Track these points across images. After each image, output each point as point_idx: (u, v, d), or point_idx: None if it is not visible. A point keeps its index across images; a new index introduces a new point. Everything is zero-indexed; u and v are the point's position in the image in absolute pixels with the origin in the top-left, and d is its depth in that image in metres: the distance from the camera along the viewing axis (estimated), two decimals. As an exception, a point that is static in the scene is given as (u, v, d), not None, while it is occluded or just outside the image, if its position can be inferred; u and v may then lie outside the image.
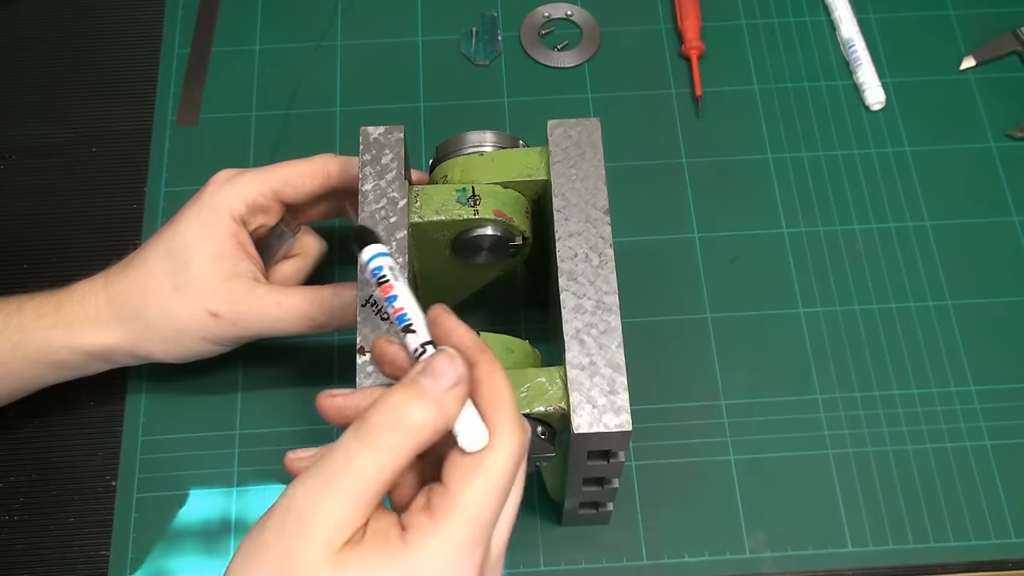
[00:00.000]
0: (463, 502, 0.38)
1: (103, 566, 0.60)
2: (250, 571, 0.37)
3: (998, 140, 0.73)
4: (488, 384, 0.40)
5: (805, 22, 0.78)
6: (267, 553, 0.37)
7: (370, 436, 0.37)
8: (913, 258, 0.68)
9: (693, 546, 0.60)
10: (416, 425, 0.38)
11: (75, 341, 0.57)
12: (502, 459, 0.38)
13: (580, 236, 0.52)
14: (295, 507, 0.37)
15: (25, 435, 0.63)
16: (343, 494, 0.37)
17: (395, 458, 0.37)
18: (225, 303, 0.57)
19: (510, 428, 0.39)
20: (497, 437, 0.39)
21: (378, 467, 0.37)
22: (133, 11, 0.79)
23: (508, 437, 0.39)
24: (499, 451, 0.39)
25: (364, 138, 0.55)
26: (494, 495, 0.38)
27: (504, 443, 0.39)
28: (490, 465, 0.38)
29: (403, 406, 0.38)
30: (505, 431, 0.39)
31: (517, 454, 0.39)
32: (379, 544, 0.37)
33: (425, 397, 0.38)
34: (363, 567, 0.36)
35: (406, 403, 0.38)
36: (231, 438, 0.63)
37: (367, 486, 0.37)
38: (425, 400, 0.38)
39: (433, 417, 0.38)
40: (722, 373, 0.65)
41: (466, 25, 0.78)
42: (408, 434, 0.38)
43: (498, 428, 0.39)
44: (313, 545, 0.36)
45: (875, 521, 0.61)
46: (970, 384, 0.64)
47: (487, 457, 0.38)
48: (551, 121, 0.55)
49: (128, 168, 0.72)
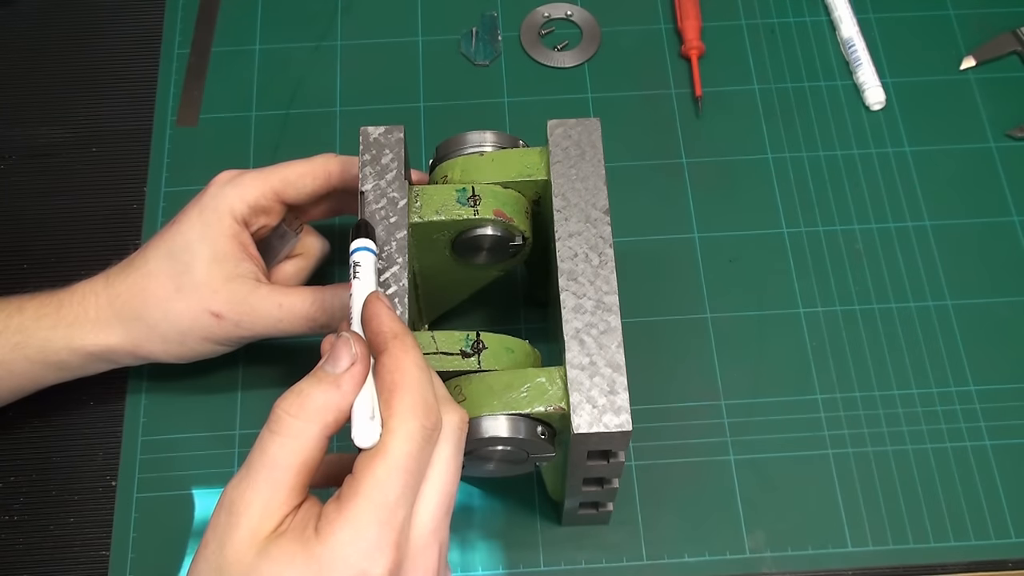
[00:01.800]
0: (366, 487, 0.39)
1: (103, 566, 0.60)
2: (196, 567, 0.40)
3: (998, 140, 0.73)
4: (392, 368, 0.41)
5: (805, 22, 0.78)
6: (207, 549, 0.40)
7: (277, 424, 0.40)
8: (913, 258, 0.68)
9: (693, 546, 0.60)
10: (317, 408, 0.40)
11: (76, 342, 0.57)
12: (402, 440, 0.39)
13: (580, 236, 0.52)
14: (226, 501, 0.40)
15: (25, 435, 0.63)
16: (260, 482, 0.40)
17: (303, 442, 0.40)
18: (227, 304, 0.57)
19: (410, 409, 0.40)
20: (396, 420, 0.40)
21: (287, 452, 0.40)
22: (133, 11, 0.79)
23: (408, 419, 0.40)
24: (398, 433, 0.40)
25: (364, 138, 0.55)
26: (397, 477, 0.39)
27: (402, 425, 0.40)
28: (389, 448, 0.39)
29: (305, 392, 0.41)
30: (405, 413, 0.40)
31: (418, 435, 0.40)
32: (297, 534, 0.39)
33: (323, 381, 0.41)
34: (283, 557, 0.38)
35: (308, 389, 0.41)
36: (231, 438, 0.63)
37: (281, 472, 0.40)
38: (323, 383, 0.41)
39: (334, 399, 0.40)
40: (722, 373, 0.65)
41: (466, 25, 0.78)
42: (311, 418, 0.40)
43: (397, 411, 0.40)
44: (241, 534, 0.39)
45: (875, 521, 0.61)
46: (970, 384, 0.64)
47: (386, 439, 0.40)
48: (551, 121, 0.55)
49: (128, 168, 0.72)
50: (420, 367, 0.41)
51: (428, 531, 0.41)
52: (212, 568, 0.39)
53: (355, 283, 0.46)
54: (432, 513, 0.41)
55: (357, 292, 0.45)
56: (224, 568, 0.39)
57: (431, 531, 0.41)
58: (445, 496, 0.41)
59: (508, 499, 0.61)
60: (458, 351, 0.51)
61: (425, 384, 0.41)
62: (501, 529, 0.60)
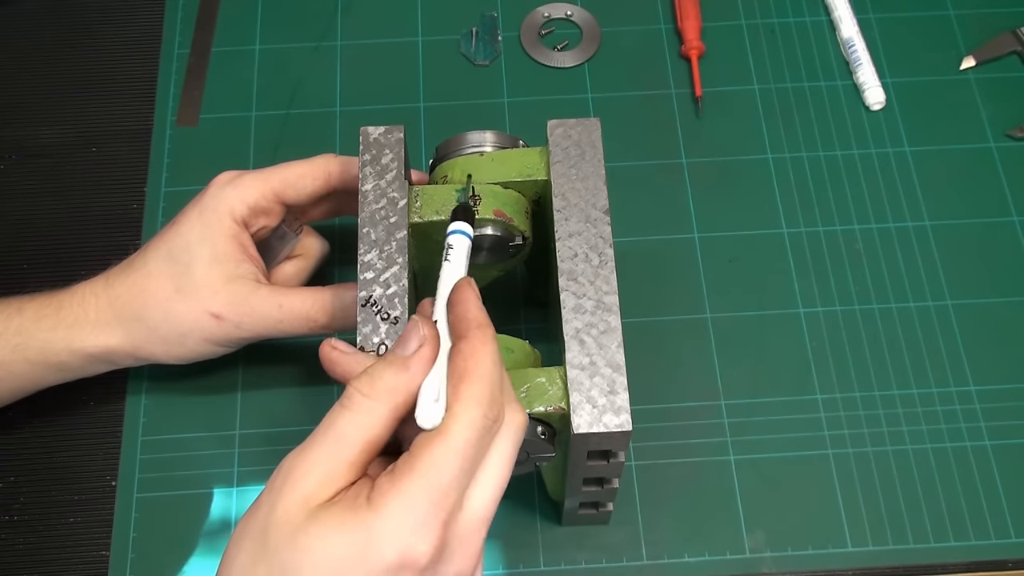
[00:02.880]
0: (421, 465, 0.39)
1: (103, 566, 0.60)
2: (246, 525, 0.41)
3: (998, 140, 0.73)
4: (468, 355, 0.42)
5: (805, 22, 0.78)
6: (258, 511, 0.40)
7: (349, 400, 0.41)
8: (913, 258, 0.68)
9: (693, 546, 0.60)
10: (388, 388, 0.41)
11: (75, 343, 0.57)
12: (463, 426, 0.40)
13: (580, 236, 0.52)
14: (285, 467, 0.41)
15: (25, 435, 0.63)
16: (323, 452, 0.40)
17: (371, 419, 0.41)
18: (227, 305, 0.57)
19: (476, 398, 0.40)
20: (460, 405, 0.40)
21: (355, 427, 0.41)
22: (133, 11, 0.79)
23: (472, 406, 0.40)
24: (461, 418, 0.40)
25: (364, 138, 0.55)
26: (454, 460, 0.39)
27: (466, 411, 0.40)
28: (450, 430, 0.40)
29: (376, 371, 0.42)
30: (470, 400, 0.40)
31: (479, 423, 0.40)
32: (349, 503, 0.39)
33: (393, 363, 0.42)
34: (332, 523, 0.39)
35: (379, 369, 0.42)
36: (231, 438, 0.63)
37: (346, 446, 0.40)
38: (393, 365, 0.41)
39: (404, 379, 0.41)
40: (722, 373, 0.65)
41: (466, 25, 0.78)
42: (381, 397, 0.41)
43: (463, 396, 0.40)
44: (294, 496, 0.39)
45: (875, 521, 0.61)
46: (970, 384, 0.64)
47: (448, 422, 0.40)
48: (551, 121, 0.55)
49: (128, 168, 0.72)
50: (495, 361, 0.42)
51: (477, 517, 0.41)
52: (260, 527, 0.40)
53: (445, 264, 0.46)
54: (483, 501, 0.41)
55: (446, 273, 0.46)
56: (271, 528, 0.39)
57: (480, 518, 0.41)
58: (497, 488, 0.42)
59: (508, 499, 0.61)
60: (458, 351, 0.51)
61: (496, 377, 0.42)
62: (501, 529, 0.60)
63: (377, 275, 0.51)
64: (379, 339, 0.49)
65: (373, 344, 0.49)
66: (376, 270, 0.51)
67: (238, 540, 0.41)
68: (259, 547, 0.40)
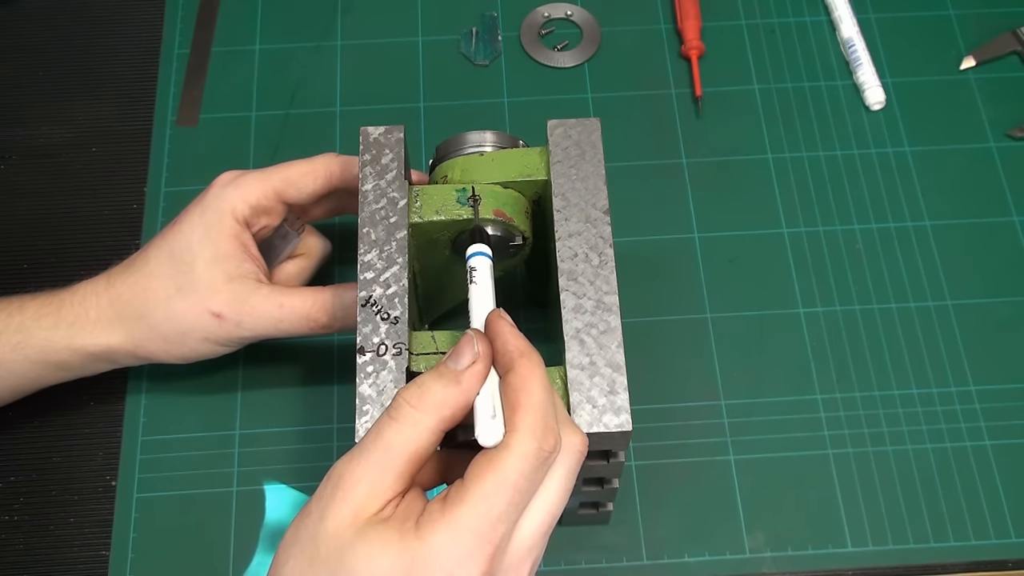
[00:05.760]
0: (473, 496, 0.39)
1: (103, 566, 0.60)
2: (296, 534, 0.41)
3: (998, 140, 0.73)
4: (517, 387, 0.41)
5: (805, 22, 0.78)
6: (308, 518, 0.41)
7: (397, 411, 0.41)
8: (913, 258, 0.68)
9: (693, 546, 0.60)
10: (437, 402, 0.41)
11: (76, 342, 0.57)
12: (517, 458, 0.40)
13: (580, 236, 0.52)
14: (335, 475, 0.41)
15: (25, 435, 0.63)
16: (371, 462, 0.40)
17: (420, 432, 0.41)
18: (228, 304, 0.57)
19: (530, 430, 0.40)
20: (515, 436, 0.40)
21: (403, 439, 0.40)
22: (133, 11, 0.79)
23: (527, 437, 0.40)
24: (515, 450, 0.40)
25: (364, 138, 0.55)
26: (505, 493, 0.39)
27: (521, 443, 0.40)
28: (503, 463, 0.40)
29: (426, 384, 0.41)
30: (525, 431, 0.40)
31: (534, 457, 0.40)
32: (398, 524, 0.39)
33: (444, 376, 0.42)
34: (380, 542, 0.39)
35: (429, 381, 0.42)
36: (231, 438, 0.63)
37: (394, 457, 0.40)
38: (444, 378, 0.41)
39: (453, 394, 0.41)
40: (722, 373, 0.65)
41: (466, 25, 0.78)
42: (430, 410, 0.41)
43: (519, 428, 0.40)
44: (344, 510, 0.40)
45: (875, 521, 0.61)
46: (970, 384, 0.64)
47: (501, 455, 0.40)
48: (551, 121, 0.55)
49: (128, 168, 0.72)
50: (545, 387, 0.42)
51: (525, 548, 0.41)
52: (310, 536, 0.40)
53: (472, 288, 0.48)
54: (533, 531, 0.41)
55: (475, 297, 0.47)
56: (321, 538, 0.39)
57: (528, 548, 0.41)
58: (549, 516, 0.42)
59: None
60: (458, 351, 0.51)
61: (548, 406, 0.41)
62: (501, 529, 0.60)
63: (377, 275, 0.51)
64: (379, 339, 0.49)
65: (373, 344, 0.49)
66: (376, 270, 0.51)
67: (289, 545, 0.41)
68: (310, 557, 0.40)
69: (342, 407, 0.64)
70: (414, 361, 0.50)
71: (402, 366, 0.49)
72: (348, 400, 0.63)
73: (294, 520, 0.41)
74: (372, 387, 0.48)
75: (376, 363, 0.49)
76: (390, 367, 0.49)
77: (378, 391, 0.48)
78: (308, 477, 0.62)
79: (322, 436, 0.63)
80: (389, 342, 0.49)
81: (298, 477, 0.62)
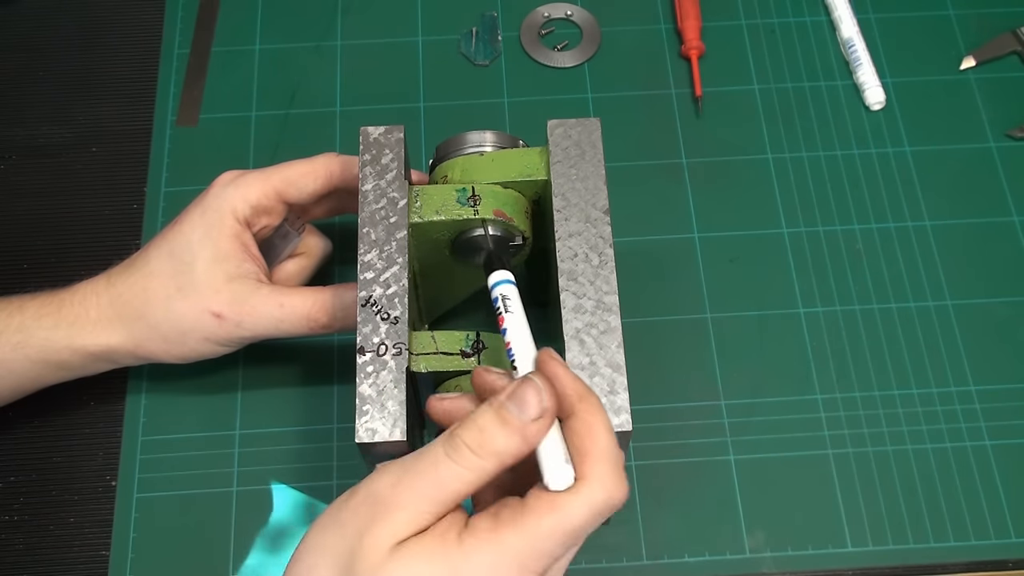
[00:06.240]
0: (528, 527, 0.39)
1: (103, 566, 0.60)
2: (326, 542, 0.40)
3: (998, 140, 0.73)
4: (583, 434, 0.41)
5: (805, 22, 0.78)
6: (343, 529, 0.40)
7: (456, 453, 0.40)
8: (913, 258, 0.68)
9: (693, 546, 0.60)
10: (499, 450, 0.40)
11: (76, 341, 0.57)
12: (583, 506, 0.39)
13: (580, 236, 0.52)
14: (378, 494, 0.40)
15: (25, 435, 0.63)
16: (423, 495, 0.40)
17: (477, 476, 0.40)
18: (228, 304, 0.57)
19: (601, 479, 0.40)
20: (586, 484, 0.40)
21: (460, 481, 0.40)
22: (133, 11, 0.79)
23: (597, 488, 0.40)
24: (583, 498, 0.39)
25: (364, 138, 0.55)
26: (562, 537, 0.39)
27: (591, 492, 0.39)
28: (570, 508, 0.39)
29: (489, 431, 0.40)
30: (595, 481, 0.40)
31: (601, 508, 0.40)
32: (438, 535, 0.39)
33: (509, 425, 0.40)
34: (418, 555, 0.39)
35: (492, 428, 0.40)
36: (231, 438, 0.63)
37: (446, 493, 0.40)
38: (508, 428, 0.40)
39: (517, 443, 0.40)
40: (722, 373, 0.65)
41: (466, 25, 0.78)
42: (491, 458, 0.40)
43: (589, 476, 0.40)
44: (382, 533, 0.39)
45: (875, 521, 0.61)
46: (970, 384, 0.64)
47: (570, 500, 0.39)
48: (551, 121, 0.55)
49: (128, 168, 0.72)
50: (609, 429, 0.41)
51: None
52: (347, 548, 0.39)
53: (507, 316, 0.46)
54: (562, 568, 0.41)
55: (512, 326, 0.46)
56: (357, 557, 0.39)
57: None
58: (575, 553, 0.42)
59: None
60: (458, 351, 0.51)
61: (616, 453, 0.41)
62: (501, 529, 0.60)
63: (377, 275, 0.51)
64: (379, 339, 0.49)
65: (373, 344, 0.49)
66: (376, 270, 0.51)
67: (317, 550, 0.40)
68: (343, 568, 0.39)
69: (342, 407, 0.64)
70: (414, 361, 0.50)
71: (402, 366, 0.49)
72: (348, 400, 0.64)
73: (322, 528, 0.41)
74: (372, 387, 0.48)
75: (376, 363, 0.49)
76: (390, 367, 0.49)
77: (378, 391, 0.48)
78: (308, 477, 0.62)
79: (322, 436, 0.63)
80: (389, 342, 0.49)
81: (298, 477, 0.62)
